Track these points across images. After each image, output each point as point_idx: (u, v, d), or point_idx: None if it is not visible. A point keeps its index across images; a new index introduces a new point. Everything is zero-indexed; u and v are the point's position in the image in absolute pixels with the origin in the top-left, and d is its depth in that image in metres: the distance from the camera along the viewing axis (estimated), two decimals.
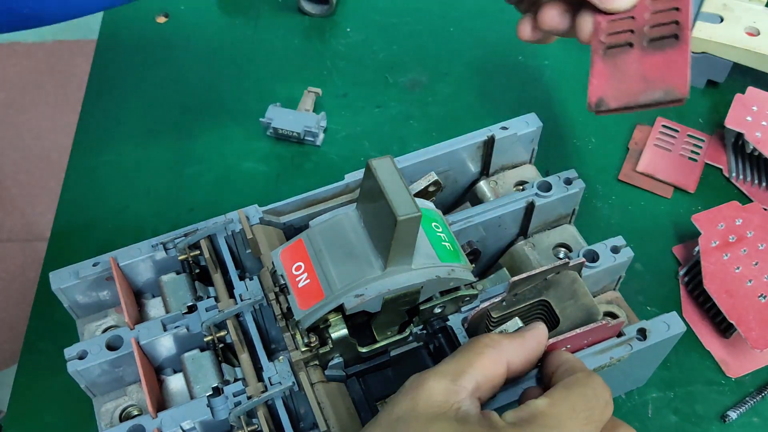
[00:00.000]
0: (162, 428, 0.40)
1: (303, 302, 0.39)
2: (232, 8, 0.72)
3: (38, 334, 0.52)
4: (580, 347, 0.41)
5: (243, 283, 0.44)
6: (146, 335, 0.43)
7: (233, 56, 0.69)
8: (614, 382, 0.46)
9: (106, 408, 0.44)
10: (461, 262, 0.41)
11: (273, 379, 0.41)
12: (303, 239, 0.41)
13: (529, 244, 0.50)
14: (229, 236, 0.46)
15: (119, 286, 0.44)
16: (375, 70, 0.67)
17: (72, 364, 0.42)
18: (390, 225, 0.35)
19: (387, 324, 0.42)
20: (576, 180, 0.49)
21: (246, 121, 0.64)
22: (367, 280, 0.38)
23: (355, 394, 0.42)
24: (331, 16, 0.71)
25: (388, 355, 0.43)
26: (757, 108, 0.57)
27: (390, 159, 0.37)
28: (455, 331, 0.42)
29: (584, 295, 0.42)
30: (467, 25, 0.71)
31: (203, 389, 0.42)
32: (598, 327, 0.40)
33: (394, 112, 0.64)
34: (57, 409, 0.49)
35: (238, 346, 0.42)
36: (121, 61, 0.69)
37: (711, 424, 0.48)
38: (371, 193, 0.37)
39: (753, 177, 0.59)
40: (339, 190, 0.48)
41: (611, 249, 0.46)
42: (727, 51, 0.61)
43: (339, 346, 0.40)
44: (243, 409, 0.40)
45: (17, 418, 0.49)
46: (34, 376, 0.51)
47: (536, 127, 0.51)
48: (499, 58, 0.68)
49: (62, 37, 1.64)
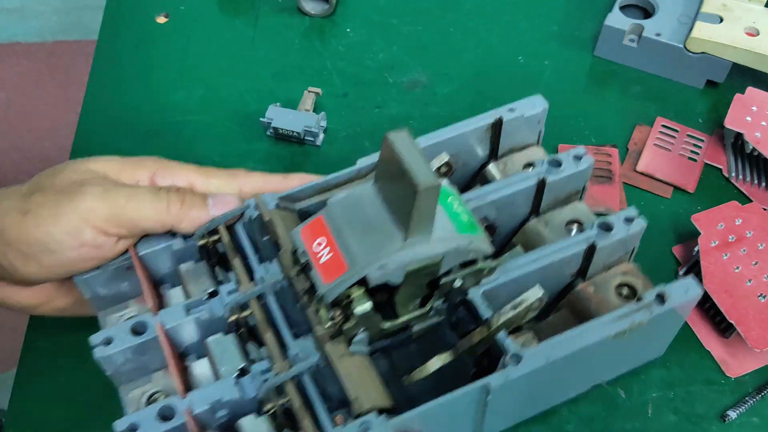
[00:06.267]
0: (192, 408, 0.40)
1: (326, 276, 0.40)
2: (232, 8, 0.72)
3: (38, 334, 0.52)
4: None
5: (262, 266, 0.44)
6: (170, 320, 0.44)
7: (233, 56, 0.69)
8: (634, 351, 0.47)
9: (132, 395, 0.45)
10: (479, 233, 0.42)
11: (299, 356, 0.41)
12: (323, 216, 0.41)
13: (541, 222, 0.50)
14: (246, 223, 0.46)
15: (140, 273, 0.45)
16: (375, 70, 0.67)
17: (99, 350, 0.42)
18: (410, 195, 0.36)
19: (409, 299, 0.42)
20: (585, 156, 0.49)
21: (246, 121, 0.64)
22: (388, 252, 0.39)
23: (380, 369, 0.43)
24: (331, 16, 0.72)
25: (410, 330, 0.44)
26: (756, 108, 0.57)
27: (407, 131, 0.37)
28: (476, 303, 0.42)
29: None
30: (467, 25, 0.71)
31: (229, 370, 0.43)
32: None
33: (394, 112, 0.64)
34: (57, 409, 0.50)
35: (263, 326, 0.43)
36: (121, 61, 0.69)
37: (711, 424, 0.48)
38: (389, 167, 0.38)
39: (752, 177, 0.59)
40: (352, 175, 0.49)
41: (625, 219, 0.47)
42: (727, 51, 0.61)
43: (363, 321, 0.41)
44: (273, 384, 0.40)
45: (17, 418, 0.49)
46: (34, 376, 0.51)
47: (542, 108, 0.52)
48: (499, 58, 0.68)
49: (62, 37, 1.65)
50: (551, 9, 0.72)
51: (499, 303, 0.43)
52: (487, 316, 0.42)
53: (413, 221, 0.38)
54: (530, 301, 0.41)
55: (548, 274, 0.46)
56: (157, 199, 0.44)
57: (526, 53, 0.68)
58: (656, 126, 0.62)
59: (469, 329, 0.43)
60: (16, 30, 1.65)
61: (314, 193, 0.48)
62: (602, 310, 0.45)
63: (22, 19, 1.66)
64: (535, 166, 0.49)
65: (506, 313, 0.41)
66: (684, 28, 0.64)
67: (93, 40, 0.71)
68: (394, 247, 0.39)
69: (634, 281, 0.48)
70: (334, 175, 0.48)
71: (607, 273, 0.48)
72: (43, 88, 1.56)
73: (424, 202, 0.36)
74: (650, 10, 0.67)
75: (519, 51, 0.69)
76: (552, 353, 0.41)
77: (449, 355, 0.42)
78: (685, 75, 0.65)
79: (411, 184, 0.36)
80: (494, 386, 0.40)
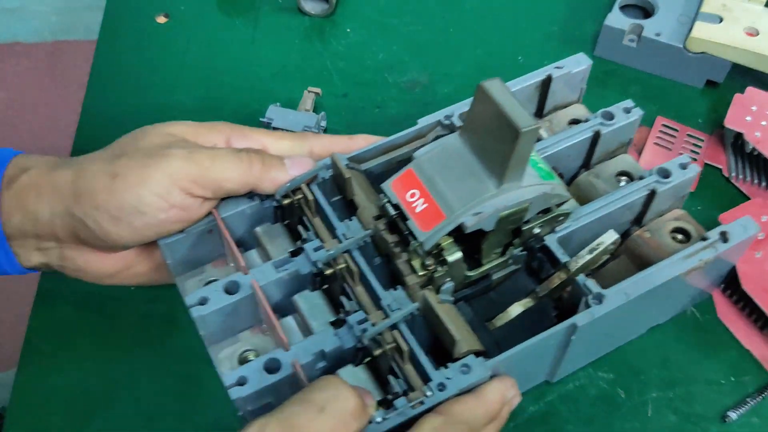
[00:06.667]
0: (298, 359, 0.41)
1: (424, 225, 0.41)
2: (232, 8, 0.72)
3: (38, 334, 0.52)
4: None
5: (344, 223, 0.45)
6: (262, 278, 0.45)
7: (233, 56, 0.69)
8: (689, 293, 0.51)
9: (224, 354, 0.46)
10: (556, 180, 0.44)
11: (392, 306, 0.42)
12: (412, 168, 0.43)
13: (592, 174, 0.52)
14: (321, 183, 0.48)
15: (225, 235, 0.46)
16: (375, 70, 0.67)
17: (195, 309, 0.44)
18: (509, 140, 0.38)
19: (493, 246, 0.44)
20: (634, 108, 0.52)
21: (246, 121, 0.63)
22: (483, 198, 0.41)
23: (465, 316, 0.45)
24: (331, 16, 0.72)
25: (490, 279, 0.46)
26: (756, 108, 0.57)
27: (499, 80, 0.39)
28: (553, 249, 0.45)
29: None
30: (467, 25, 0.71)
31: (320, 324, 0.44)
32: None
33: (394, 112, 0.64)
34: (57, 409, 0.50)
35: (355, 279, 0.44)
36: (121, 61, 0.69)
37: (711, 424, 0.48)
38: (482, 114, 0.39)
39: (752, 177, 0.59)
40: (413, 134, 0.51)
41: (679, 166, 0.49)
42: (726, 51, 0.61)
43: (452, 269, 0.43)
44: (375, 332, 0.41)
45: (17, 418, 0.49)
46: (34, 376, 0.51)
47: (587, 65, 0.55)
48: (498, 58, 0.68)
49: (62, 37, 1.64)
50: (551, 9, 0.72)
51: (571, 249, 0.45)
52: (564, 261, 0.44)
53: (510, 167, 0.39)
54: (606, 244, 0.44)
55: (611, 221, 0.48)
56: (239, 159, 0.45)
57: (526, 53, 0.68)
58: (656, 126, 0.62)
59: (548, 274, 0.45)
60: (16, 30, 1.65)
61: (379, 154, 0.50)
62: (660, 254, 0.47)
63: (22, 19, 1.66)
64: (581, 121, 0.52)
65: (584, 257, 0.44)
66: (684, 28, 0.64)
67: (93, 40, 0.70)
68: (490, 193, 0.41)
69: (687, 226, 0.50)
70: (397, 135, 0.50)
71: (661, 219, 0.51)
72: (43, 88, 1.56)
73: (523, 145, 0.38)
74: (650, 10, 0.67)
75: (519, 51, 0.69)
76: (632, 290, 0.43)
77: (530, 300, 0.45)
78: (685, 75, 0.65)
79: (510, 128, 0.37)
80: (580, 325, 0.42)
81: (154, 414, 0.49)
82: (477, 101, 0.40)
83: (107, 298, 0.53)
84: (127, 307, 0.53)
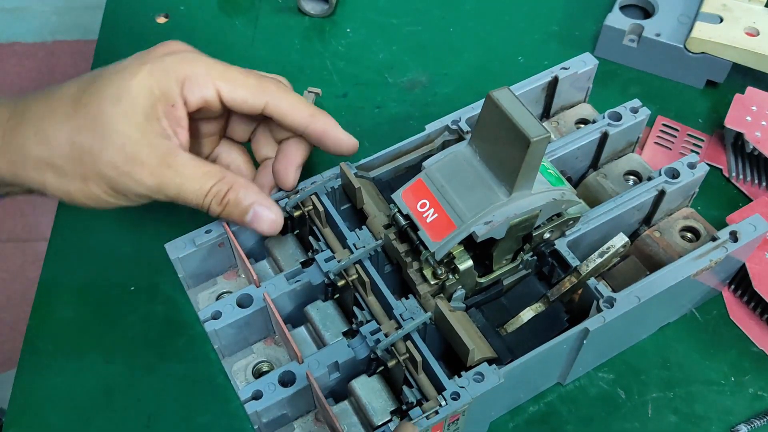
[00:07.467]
0: (312, 372, 0.41)
1: (435, 235, 0.41)
2: (232, 8, 0.72)
3: (38, 334, 0.52)
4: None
5: (354, 233, 0.46)
6: (274, 290, 0.45)
7: (233, 56, 0.69)
8: (700, 291, 0.51)
9: (238, 366, 0.47)
10: (566, 185, 0.44)
11: (404, 315, 0.43)
12: (422, 178, 0.43)
13: (600, 175, 0.52)
14: (329, 193, 0.48)
15: (237, 247, 0.46)
16: (375, 70, 0.67)
17: (208, 324, 0.44)
18: (520, 148, 0.38)
19: (505, 252, 0.44)
20: (641, 108, 0.52)
21: None
22: (494, 207, 0.41)
23: (477, 323, 0.45)
24: (331, 16, 0.71)
25: (501, 284, 0.46)
26: (756, 108, 0.57)
27: (508, 89, 0.39)
28: (563, 253, 0.45)
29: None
30: (467, 25, 0.71)
31: (333, 335, 0.44)
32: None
33: (394, 112, 0.64)
34: (57, 409, 0.49)
35: (367, 289, 0.44)
36: None
37: (711, 425, 0.48)
38: (492, 123, 0.40)
39: (753, 177, 0.59)
40: (421, 140, 0.51)
41: (688, 165, 0.49)
42: (727, 51, 0.61)
43: (464, 276, 0.43)
44: (389, 342, 0.41)
45: (17, 418, 0.49)
46: (34, 376, 0.51)
47: (593, 65, 0.55)
48: (499, 58, 0.68)
49: (62, 37, 1.64)
50: (551, 9, 0.72)
51: (581, 251, 0.46)
52: (575, 265, 0.44)
53: (521, 175, 0.40)
54: (616, 247, 0.44)
55: (620, 222, 0.48)
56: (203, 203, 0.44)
57: (526, 53, 0.68)
58: (656, 125, 0.62)
59: (559, 278, 0.45)
60: (16, 30, 1.65)
61: (387, 161, 0.51)
62: (670, 253, 0.48)
63: (22, 19, 1.66)
64: (588, 121, 0.52)
65: (594, 260, 0.44)
66: (684, 28, 0.64)
67: (93, 40, 0.70)
68: (500, 201, 0.41)
69: (696, 224, 0.50)
70: (405, 141, 0.50)
71: (670, 218, 0.51)
72: (43, 88, 1.56)
73: (533, 154, 0.38)
74: (650, 10, 0.67)
75: (519, 51, 0.69)
76: (643, 293, 0.44)
77: (542, 305, 0.45)
78: (685, 75, 0.65)
79: (521, 137, 0.37)
80: (592, 329, 0.43)
81: (154, 414, 0.49)
82: (486, 111, 0.40)
83: (107, 298, 0.54)
84: (127, 307, 0.53)
